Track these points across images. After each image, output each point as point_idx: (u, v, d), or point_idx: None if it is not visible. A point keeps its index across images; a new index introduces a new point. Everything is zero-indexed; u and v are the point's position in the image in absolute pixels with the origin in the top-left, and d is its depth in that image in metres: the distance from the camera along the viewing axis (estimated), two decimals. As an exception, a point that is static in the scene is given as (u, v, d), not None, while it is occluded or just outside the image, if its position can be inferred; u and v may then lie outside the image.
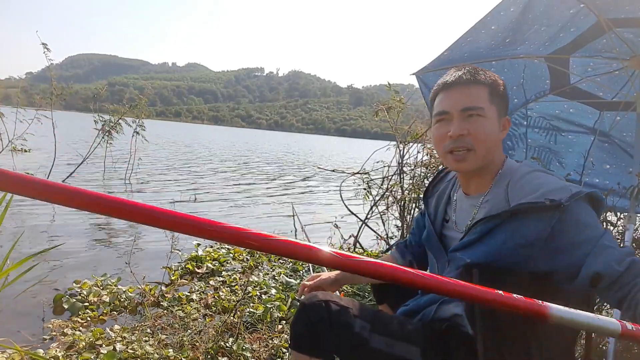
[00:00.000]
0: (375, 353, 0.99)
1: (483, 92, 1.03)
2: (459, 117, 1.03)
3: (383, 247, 3.98)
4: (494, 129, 1.03)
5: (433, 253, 1.19)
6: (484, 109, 1.02)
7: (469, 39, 2.02)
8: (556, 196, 0.90)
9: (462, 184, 1.14)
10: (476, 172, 1.06)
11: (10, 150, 6.31)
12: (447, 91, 1.07)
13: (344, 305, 1.03)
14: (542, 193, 0.93)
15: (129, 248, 3.48)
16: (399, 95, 3.65)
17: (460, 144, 1.02)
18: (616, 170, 2.32)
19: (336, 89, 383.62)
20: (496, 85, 1.05)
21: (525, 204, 0.93)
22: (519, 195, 0.97)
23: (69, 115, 42.67)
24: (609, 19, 1.74)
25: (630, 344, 1.86)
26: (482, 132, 1.01)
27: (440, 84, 1.10)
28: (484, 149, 1.02)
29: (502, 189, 1.02)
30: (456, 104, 1.03)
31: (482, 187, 1.08)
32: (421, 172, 3.64)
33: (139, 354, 1.80)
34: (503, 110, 1.07)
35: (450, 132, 1.03)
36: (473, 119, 1.02)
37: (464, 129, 1.01)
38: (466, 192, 1.13)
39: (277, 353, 1.94)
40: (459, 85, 1.05)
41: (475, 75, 1.04)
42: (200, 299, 2.50)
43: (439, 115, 1.07)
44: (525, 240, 0.92)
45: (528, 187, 0.97)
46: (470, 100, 1.02)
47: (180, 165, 11.22)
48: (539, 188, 0.94)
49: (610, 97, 2.19)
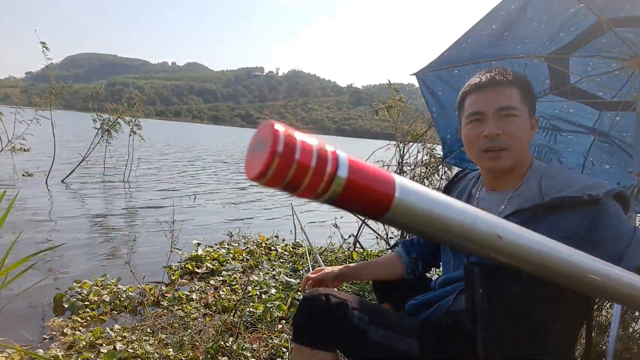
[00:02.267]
0: (373, 345, 1.00)
1: (515, 93, 1.05)
2: (494, 117, 1.05)
3: (383, 247, 3.98)
4: (526, 128, 1.06)
5: (451, 250, 1.20)
6: (518, 109, 1.04)
7: (469, 40, 2.02)
8: (593, 191, 0.93)
9: (489, 181, 1.16)
10: (508, 170, 1.08)
11: (10, 150, 6.31)
12: (480, 92, 1.08)
13: (343, 299, 1.05)
14: (579, 188, 0.95)
15: (129, 248, 3.48)
16: (399, 94, 3.65)
17: (495, 143, 1.04)
18: (616, 170, 2.32)
19: (336, 88, 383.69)
20: (527, 86, 1.08)
21: (565, 197, 0.95)
22: (554, 190, 0.99)
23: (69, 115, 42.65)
24: (609, 19, 1.74)
25: (630, 343, 1.86)
26: (516, 131, 1.04)
27: (472, 85, 1.11)
28: (518, 148, 1.05)
29: (535, 184, 1.05)
30: (491, 104, 1.06)
31: (511, 184, 1.10)
32: (421, 172, 3.64)
33: (139, 354, 1.81)
34: (532, 110, 1.10)
35: (486, 132, 1.05)
36: (508, 119, 1.04)
37: (499, 128, 1.04)
38: (492, 190, 1.15)
39: (277, 353, 1.94)
40: (492, 86, 1.07)
41: (507, 76, 1.07)
42: (200, 299, 2.50)
43: (473, 115, 1.09)
44: (563, 234, 0.93)
45: (564, 182, 0.99)
46: (504, 99, 1.05)
47: (180, 165, 11.22)
48: (575, 183, 0.97)
49: (610, 97, 2.19)
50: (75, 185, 6.48)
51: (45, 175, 6.61)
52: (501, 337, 0.95)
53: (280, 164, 0.26)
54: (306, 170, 0.27)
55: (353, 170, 0.29)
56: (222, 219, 5.07)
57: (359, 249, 3.82)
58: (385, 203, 0.30)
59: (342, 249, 3.80)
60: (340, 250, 3.77)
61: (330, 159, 0.28)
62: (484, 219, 0.34)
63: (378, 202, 0.30)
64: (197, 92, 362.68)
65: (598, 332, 1.86)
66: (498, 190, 1.13)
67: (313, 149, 0.28)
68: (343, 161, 0.29)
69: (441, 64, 2.20)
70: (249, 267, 3.21)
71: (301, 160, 0.27)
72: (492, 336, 0.95)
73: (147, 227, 4.28)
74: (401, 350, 1.00)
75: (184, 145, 20.73)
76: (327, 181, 0.28)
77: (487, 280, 0.96)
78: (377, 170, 0.30)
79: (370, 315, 1.03)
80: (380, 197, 0.30)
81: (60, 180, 6.62)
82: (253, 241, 3.97)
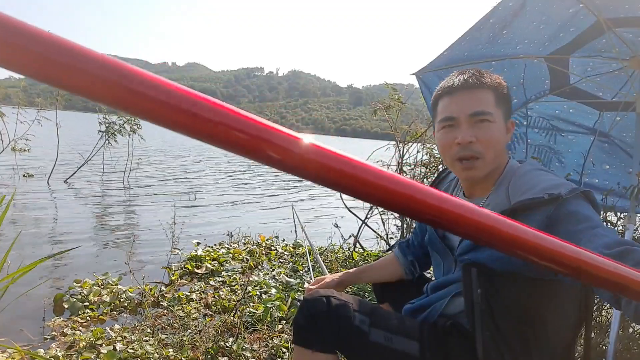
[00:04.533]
0: (374, 346, 1.00)
1: (489, 96, 1.01)
2: (467, 123, 1.00)
3: (383, 247, 3.98)
4: (501, 133, 1.02)
5: (439, 254, 1.19)
6: (492, 114, 1.00)
7: (468, 38, 2.02)
8: (555, 191, 0.89)
9: (465, 187, 1.14)
10: (483, 177, 1.05)
11: (12, 150, 6.31)
12: (453, 95, 1.03)
13: (344, 300, 1.04)
14: (541, 189, 0.92)
15: (129, 248, 3.48)
16: (397, 94, 3.65)
17: (468, 152, 1.00)
18: (616, 170, 2.33)
19: (336, 88, 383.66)
20: (501, 88, 1.03)
21: (525, 201, 0.92)
22: (519, 193, 0.96)
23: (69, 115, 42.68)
24: (608, 19, 1.74)
25: (630, 343, 1.86)
26: (491, 138, 0.99)
27: (444, 87, 1.06)
28: (492, 155, 1.01)
29: (503, 190, 1.02)
30: (463, 109, 1.01)
31: (484, 191, 1.07)
32: (421, 172, 3.65)
33: (139, 354, 1.81)
34: (508, 113, 1.05)
35: (458, 139, 1.00)
36: (481, 124, 0.99)
37: (472, 136, 0.99)
38: (468, 196, 1.12)
39: (277, 353, 1.94)
40: (464, 89, 1.02)
41: (481, 79, 1.02)
42: (200, 299, 2.51)
43: (445, 121, 1.04)
44: None
45: (528, 185, 0.96)
46: (477, 104, 1.00)
47: (180, 165, 11.22)
48: (538, 184, 0.94)
49: (609, 97, 2.19)
50: (76, 185, 6.49)
51: (47, 175, 6.62)
52: (500, 338, 0.95)
53: None
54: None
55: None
56: (222, 219, 5.07)
57: (359, 249, 3.82)
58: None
59: (342, 249, 3.80)
60: (341, 250, 3.77)
61: None
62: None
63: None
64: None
65: (598, 332, 1.86)
66: (472, 197, 1.10)
67: None
68: None
69: (441, 64, 2.21)
70: (249, 267, 3.21)
71: None
72: (491, 337, 0.95)
73: (147, 227, 4.28)
74: (402, 352, 1.00)
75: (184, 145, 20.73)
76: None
77: (485, 281, 0.96)
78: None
79: (371, 317, 1.03)
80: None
81: (63, 180, 6.63)
82: (253, 241, 3.97)
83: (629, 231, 1.80)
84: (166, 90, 0.24)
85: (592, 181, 2.35)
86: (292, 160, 0.27)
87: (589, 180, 2.33)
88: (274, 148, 0.26)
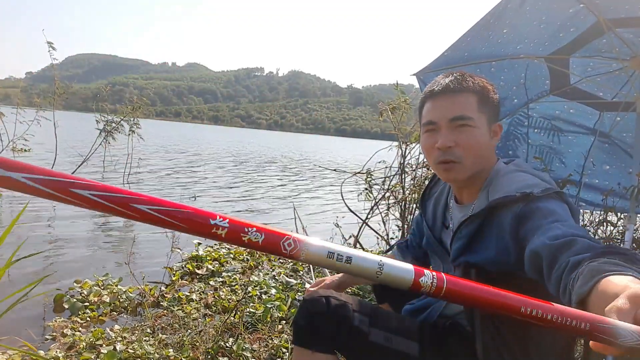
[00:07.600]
0: (374, 346, 1.00)
1: (472, 100, 1.00)
2: (447, 128, 1.00)
3: (384, 247, 3.98)
4: (484, 138, 1.01)
5: (437, 256, 1.20)
6: (473, 119, 0.99)
7: (468, 39, 2.02)
8: (527, 189, 0.90)
9: (455, 191, 1.14)
10: (466, 181, 1.04)
11: (12, 150, 6.31)
12: (434, 100, 1.04)
13: (343, 300, 1.04)
14: (515, 187, 0.92)
15: (129, 248, 3.48)
16: (404, 96, 3.64)
17: (448, 156, 1.00)
18: (616, 170, 2.33)
19: (336, 89, 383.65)
20: (485, 92, 1.02)
21: (498, 199, 0.92)
22: (496, 193, 0.96)
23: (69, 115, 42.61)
24: (608, 19, 1.74)
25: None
26: (470, 142, 0.99)
27: (427, 92, 1.06)
28: (472, 160, 1.00)
29: (486, 192, 1.02)
30: (444, 114, 1.01)
31: (472, 196, 1.07)
32: (422, 173, 3.65)
33: (139, 354, 1.81)
34: (493, 117, 1.04)
35: (437, 144, 1.00)
36: (461, 129, 0.99)
37: (452, 141, 0.99)
38: (458, 202, 1.13)
39: (277, 353, 1.94)
40: (446, 94, 1.01)
41: (463, 83, 1.01)
42: (200, 299, 2.50)
43: (427, 125, 1.05)
44: (506, 234, 0.91)
45: (504, 185, 0.96)
46: (458, 109, 0.99)
47: (180, 165, 11.22)
48: (514, 184, 0.94)
49: (610, 98, 2.19)
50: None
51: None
52: (499, 338, 0.95)
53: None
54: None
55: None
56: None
57: (359, 249, 3.81)
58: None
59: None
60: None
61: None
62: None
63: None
64: (197, 92, 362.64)
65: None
66: (461, 204, 1.10)
67: None
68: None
69: (441, 64, 2.21)
70: (249, 267, 3.21)
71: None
72: (491, 338, 0.95)
73: (147, 227, 4.28)
74: (401, 352, 1.00)
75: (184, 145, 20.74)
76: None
77: (484, 282, 0.96)
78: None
79: (371, 317, 1.03)
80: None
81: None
82: (253, 241, 3.96)
83: (629, 231, 1.81)
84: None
85: (593, 181, 2.35)
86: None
87: (589, 181, 2.33)
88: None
